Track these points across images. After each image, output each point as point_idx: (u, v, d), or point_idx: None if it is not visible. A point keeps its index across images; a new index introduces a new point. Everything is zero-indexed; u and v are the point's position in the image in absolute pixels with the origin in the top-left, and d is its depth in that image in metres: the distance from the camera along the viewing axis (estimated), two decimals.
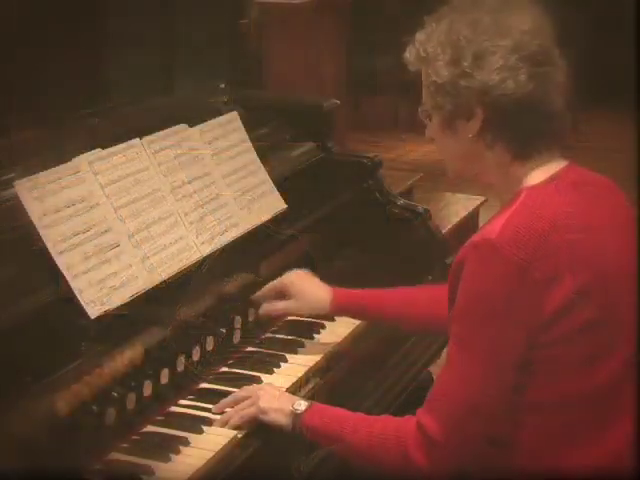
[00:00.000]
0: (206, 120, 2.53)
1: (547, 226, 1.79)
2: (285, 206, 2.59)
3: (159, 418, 2.08)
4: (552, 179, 1.88)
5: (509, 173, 1.90)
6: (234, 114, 2.62)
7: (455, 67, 1.85)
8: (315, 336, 2.44)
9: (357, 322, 2.50)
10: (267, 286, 2.44)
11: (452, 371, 1.86)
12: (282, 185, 2.62)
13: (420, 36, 1.93)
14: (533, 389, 1.84)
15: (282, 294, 2.42)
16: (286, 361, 2.31)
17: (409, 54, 1.96)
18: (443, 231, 3.01)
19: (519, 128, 1.86)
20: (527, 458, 1.86)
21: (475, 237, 1.84)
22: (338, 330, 2.49)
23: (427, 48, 1.89)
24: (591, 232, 1.85)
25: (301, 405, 2.00)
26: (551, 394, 1.84)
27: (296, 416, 1.99)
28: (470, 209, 4.56)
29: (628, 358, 1.88)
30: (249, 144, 2.60)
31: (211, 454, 1.94)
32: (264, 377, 2.22)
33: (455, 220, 4.38)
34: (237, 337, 2.35)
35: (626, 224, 1.96)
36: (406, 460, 1.85)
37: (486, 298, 1.80)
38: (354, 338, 2.49)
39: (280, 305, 2.40)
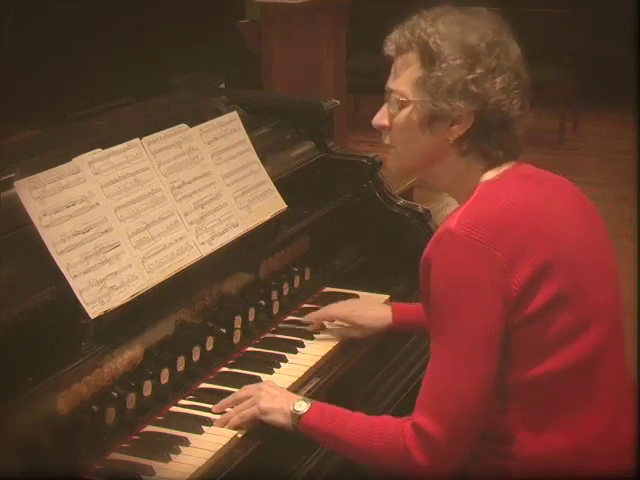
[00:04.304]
0: (206, 120, 2.53)
1: (503, 209, 1.86)
2: (285, 206, 2.59)
3: (159, 418, 2.08)
4: (502, 176, 1.95)
5: (466, 176, 1.96)
6: (234, 114, 2.62)
7: (469, 72, 1.88)
8: (315, 336, 2.44)
9: None
10: (323, 314, 2.45)
11: (438, 366, 1.88)
12: (282, 185, 2.62)
13: (425, 24, 1.93)
14: (513, 373, 1.87)
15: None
16: (286, 361, 2.31)
17: (403, 37, 1.95)
18: None
19: (496, 143, 1.93)
20: (514, 447, 1.89)
21: (436, 232, 1.90)
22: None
23: (437, 41, 1.90)
24: (546, 213, 1.90)
25: (301, 406, 2.00)
26: (530, 376, 1.86)
27: (296, 417, 1.99)
28: None
29: (603, 334, 1.91)
30: (249, 144, 2.60)
31: (211, 454, 1.94)
32: (264, 377, 2.22)
33: None
34: (237, 337, 2.35)
35: (581, 207, 2.00)
36: (408, 460, 1.86)
37: (456, 285, 1.84)
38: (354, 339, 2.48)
39: (347, 335, 2.40)
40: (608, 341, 1.92)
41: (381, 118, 2.00)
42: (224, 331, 2.31)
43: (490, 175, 1.95)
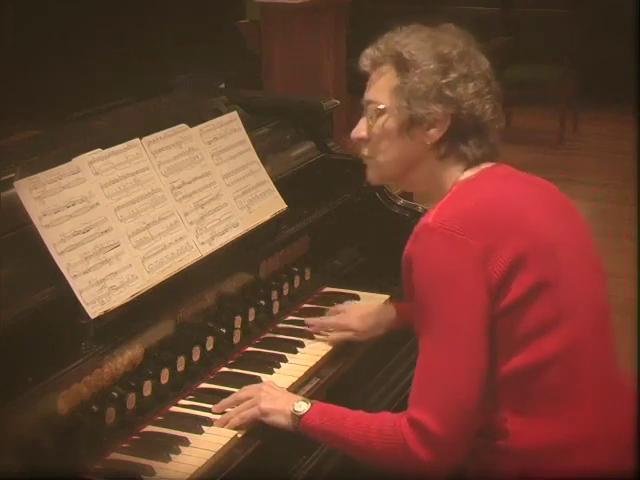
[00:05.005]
0: (206, 120, 2.53)
1: (478, 203, 1.92)
2: (285, 206, 2.59)
3: (159, 418, 2.08)
4: (479, 175, 2.00)
5: (444, 179, 2.01)
6: (234, 114, 2.62)
7: (442, 77, 1.95)
8: (315, 336, 2.44)
9: None
10: (327, 321, 2.45)
11: (427, 358, 1.89)
12: (282, 185, 2.62)
13: (398, 38, 2.01)
14: (499, 365, 1.89)
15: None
16: (286, 361, 2.31)
17: (377, 51, 2.03)
18: None
19: (473, 145, 1.99)
20: (507, 442, 1.90)
21: (415, 229, 1.95)
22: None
23: (411, 51, 1.97)
24: (522, 208, 1.95)
25: (302, 406, 2.01)
26: (513, 368, 1.88)
27: (297, 417, 2.00)
28: None
29: (582, 328, 1.93)
30: (249, 144, 2.60)
31: (211, 454, 1.94)
32: (264, 377, 2.22)
33: None
34: (237, 337, 2.36)
35: (559, 205, 2.04)
36: (407, 455, 1.86)
37: (437, 276, 1.88)
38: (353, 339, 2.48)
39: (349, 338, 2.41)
40: (588, 334, 1.94)
41: (359, 131, 2.06)
42: (224, 331, 2.31)
43: (467, 175, 2.00)
